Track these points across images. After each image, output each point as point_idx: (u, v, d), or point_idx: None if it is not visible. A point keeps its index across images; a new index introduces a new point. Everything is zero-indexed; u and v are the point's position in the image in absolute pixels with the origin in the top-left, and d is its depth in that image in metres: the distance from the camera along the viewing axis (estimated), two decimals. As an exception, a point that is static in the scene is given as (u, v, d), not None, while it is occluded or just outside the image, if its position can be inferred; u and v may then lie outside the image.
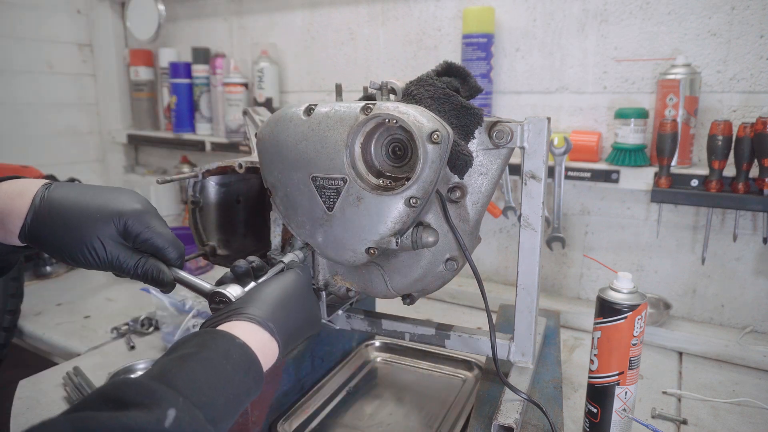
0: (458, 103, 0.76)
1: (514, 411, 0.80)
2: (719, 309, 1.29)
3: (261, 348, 0.59)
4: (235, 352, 0.55)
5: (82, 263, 0.65)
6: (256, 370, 0.57)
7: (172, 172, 2.14)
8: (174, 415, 0.44)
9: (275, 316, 0.63)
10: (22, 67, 1.94)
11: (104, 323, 1.35)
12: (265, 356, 0.59)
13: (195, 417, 0.46)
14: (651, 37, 1.25)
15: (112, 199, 0.65)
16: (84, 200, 0.64)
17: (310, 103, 0.74)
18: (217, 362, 0.52)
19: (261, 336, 0.60)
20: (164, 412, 0.44)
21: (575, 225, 1.42)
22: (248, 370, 0.55)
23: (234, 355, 0.55)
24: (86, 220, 0.63)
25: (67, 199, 0.64)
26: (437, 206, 0.77)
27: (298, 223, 0.78)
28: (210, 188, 0.99)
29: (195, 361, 0.51)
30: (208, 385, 0.50)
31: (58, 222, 0.63)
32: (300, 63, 1.79)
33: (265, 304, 0.64)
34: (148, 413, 0.43)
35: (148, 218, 0.66)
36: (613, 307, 0.78)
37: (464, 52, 1.41)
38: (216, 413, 0.49)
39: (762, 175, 1.07)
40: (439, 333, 0.92)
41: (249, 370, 0.56)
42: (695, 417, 0.97)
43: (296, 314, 0.68)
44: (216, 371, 0.52)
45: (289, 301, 0.68)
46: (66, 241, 0.63)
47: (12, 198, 0.64)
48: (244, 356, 0.56)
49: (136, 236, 0.65)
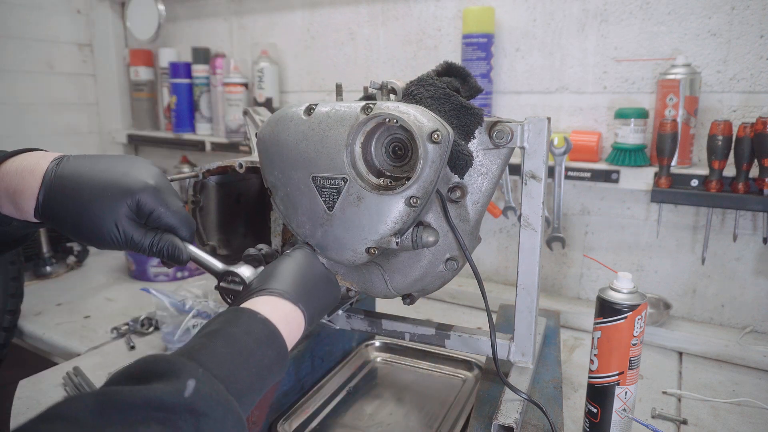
0: (458, 103, 0.76)
1: (514, 411, 0.80)
2: (719, 309, 1.29)
3: (284, 319, 0.60)
4: (257, 327, 0.56)
5: (97, 243, 0.64)
6: (279, 344, 0.57)
7: (172, 172, 2.14)
8: (194, 385, 0.44)
9: (295, 286, 0.65)
10: (22, 67, 1.94)
11: (104, 323, 1.35)
12: (290, 326, 0.60)
13: (216, 388, 0.47)
14: (651, 37, 1.25)
15: (124, 174, 0.63)
16: (96, 176, 0.62)
17: (310, 103, 0.74)
18: (238, 337, 0.53)
19: (283, 307, 0.61)
20: (184, 382, 0.44)
21: (575, 225, 1.42)
22: (271, 344, 0.56)
23: (255, 329, 0.56)
24: (98, 198, 0.61)
25: (79, 175, 0.62)
26: (437, 206, 0.77)
27: (298, 222, 0.78)
28: (210, 188, 0.99)
29: (217, 337, 0.52)
30: (229, 359, 0.51)
31: (71, 201, 0.61)
32: (300, 63, 1.79)
33: (282, 277, 0.65)
34: (168, 384, 0.44)
35: (161, 195, 0.65)
36: (613, 307, 0.78)
37: (464, 52, 1.41)
38: (239, 386, 0.50)
39: (762, 175, 1.07)
40: (439, 333, 0.92)
41: (272, 344, 0.56)
42: (695, 417, 0.97)
43: (315, 284, 0.69)
44: (238, 346, 0.52)
45: (306, 272, 0.69)
46: (79, 220, 0.62)
47: (23, 176, 0.62)
48: (266, 330, 0.57)
49: (149, 214, 0.64)
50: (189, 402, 0.43)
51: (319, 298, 0.69)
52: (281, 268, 0.68)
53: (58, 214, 0.62)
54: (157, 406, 0.42)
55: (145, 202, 0.63)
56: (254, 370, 0.53)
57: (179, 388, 0.44)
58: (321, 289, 0.70)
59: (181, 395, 0.43)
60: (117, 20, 2.11)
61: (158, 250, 0.66)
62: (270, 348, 0.56)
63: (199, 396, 0.44)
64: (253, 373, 0.52)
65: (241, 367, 0.51)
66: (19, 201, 0.62)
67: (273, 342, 0.57)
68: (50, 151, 0.66)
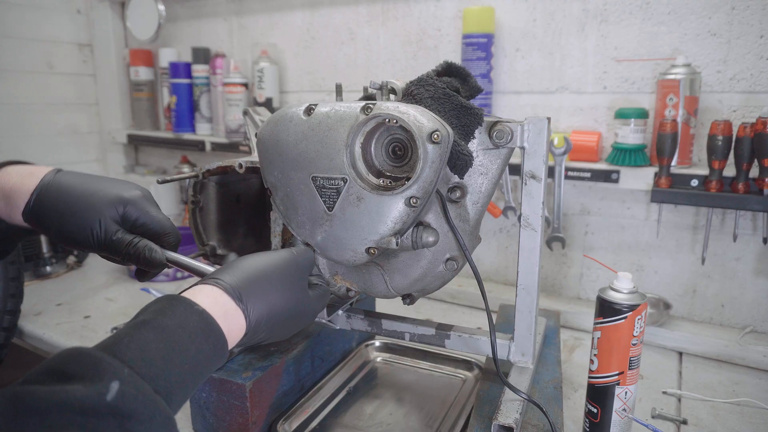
0: (458, 103, 0.76)
1: (514, 411, 0.80)
2: (719, 309, 1.29)
3: (223, 315, 0.55)
4: (192, 319, 0.52)
5: (80, 243, 0.67)
6: (216, 338, 0.53)
7: (172, 172, 2.14)
8: (117, 387, 0.41)
9: (248, 284, 0.59)
10: (22, 67, 1.94)
11: (104, 323, 1.35)
12: (229, 325, 0.55)
13: (141, 390, 0.44)
14: (651, 37, 1.25)
15: (113, 186, 0.69)
16: (88, 185, 0.68)
17: (310, 103, 0.74)
18: (172, 330, 0.50)
19: (225, 303, 0.56)
20: (107, 384, 0.41)
21: (575, 225, 1.42)
22: (207, 338, 0.52)
23: (191, 322, 0.51)
24: (88, 201, 0.66)
25: (73, 182, 0.68)
26: (437, 206, 0.77)
27: (298, 222, 0.78)
28: (210, 188, 1.00)
29: (148, 329, 0.49)
30: (160, 355, 0.48)
31: (62, 202, 0.66)
32: (300, 63, 1.79)
33: (238, 271, 0.60)
34: (90, 386, 0.41)
35: (146, 204, 0.69)
36: (613, 307, 0.77)
37: (464, 52, 1.41)
38: (169, 385, 0.47)
39: (762, 175, 1.07)
40: (439, 333, 0.92)
41: (208, 338, 0.52)
42: (695, 417, 0.97)
43: (279, 292, 0.62)
44: (170, 340, 0.49)
45: (272, 274, 0.62)
46: (66, 219, 0.66)
47: (22, 177, 0.68)
48: (203, 323, 0.52)
49: (134, 221, 0.68)
50: (112, 405, 0.41)
51: (280, 310, 0.61)
52: (246, 263, 0.63)
53: (46, 213, 0.66)
54: (77, 409, 0.39)
55: (130, 209, 0.68)
56: (187, 367, 0.49)
57: (101, 391, 0.41)
58: (285, 300, 0.62)
59: (102, 399, 0.41)
60: (117, 20, 2.11)
61: (134, 252, 0.66)
62: (205, 342, 0.52)
63: (123, 399, 0.41)
64: (186, 369, 0.49)
65: (172, 363, 0.48)
66: (14, 198, 0.67)
67: (209, 336, 0.52)
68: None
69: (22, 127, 1.97)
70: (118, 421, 0.41)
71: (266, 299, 0.60)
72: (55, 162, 2.03)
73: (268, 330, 0.61)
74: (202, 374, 0.52)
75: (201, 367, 0.51)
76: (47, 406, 0.39)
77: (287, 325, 0.64)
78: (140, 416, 0.42)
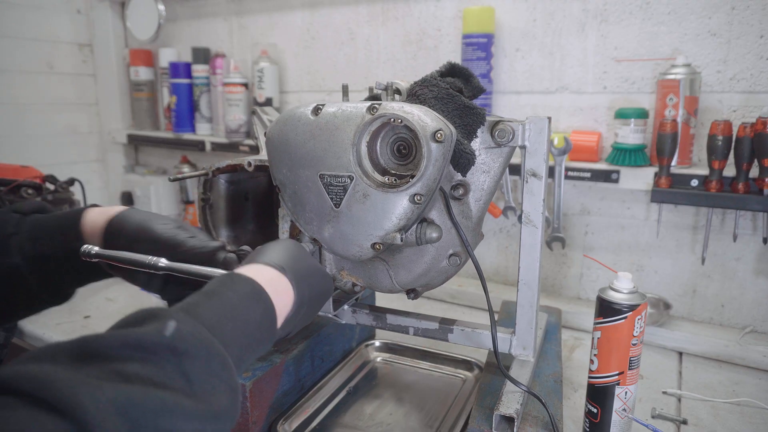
0: (461, 103, 0.77)
1: (515, 402, 0.81)
2: (719, 309, 1.29)
3: (269, 283, 0.57)
4: (240, 284, 0.54)
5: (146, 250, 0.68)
6: (265, 301, 0.55)
7: (172, 172, 2.14)
8: (174, 325, 0.43)
9: (281, 259, 0.62)
10: (22, 67, 1.94)
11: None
12: (276, 291, 0.57)
13: (198, 329, 0.45)
14: (651, 37, 1.26)
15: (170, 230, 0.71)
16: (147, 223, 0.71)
17: (317, 103, 0.76)
18: (221, 292, 0.52)
19: (268, 273, 0.58)
20: (164, 323, 0.43)
21: (575, 225, 1.42)
22: (257, 300, 0.54)
23: (239, 286, 0.54)
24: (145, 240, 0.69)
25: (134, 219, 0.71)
26: (441, 203, 0.79)
27: (306, 219, 0.81)
28: (220, 186, 1.02)
29: (199, 294, 0.51)
30: (212, 309, 0.49)
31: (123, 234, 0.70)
32: (300, 63, 1.79)
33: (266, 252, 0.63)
34: (148, 325, 0.43)
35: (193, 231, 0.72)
36: (613, 307, 0.78)
37: (464, 52, 1.41)
38: (224, 336, 0.48)
39: (762, 175, 1.07)
40: (443, 327, 0.93)
41: (258, 300, 0.54)
42: (695, 417, 0.97)
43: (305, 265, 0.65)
44: (221, 299, 0.51)
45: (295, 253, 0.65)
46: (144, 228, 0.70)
47: (103, 212, 0.73)
48: (250, 287, 0.54)
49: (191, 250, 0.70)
50: (169, 341, 0.42)
51: (309, 277, 0.64)
52: (266, 247, 0.65)
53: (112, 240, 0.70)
54: (135, 345, 0.41)
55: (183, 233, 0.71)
56: (239, 324, 0.51)
57: (159, 328, 0.43)
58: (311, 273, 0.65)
59: (161, 335, 0.42)
60: (117, 20, 2.11)
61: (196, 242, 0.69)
62: (256, 304, 0.54)
63: (180, 335, 0.43)
64: (239, 327, 0.50)
65: (226, 318, 0.49)
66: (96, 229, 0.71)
67: (259, 298, 0.54)
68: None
69: (22, 127, 1.97)
70: (177, 358, 0.42)
71: (302, 273, 0.63)
72: (55, 162, 2.04)
73: (309, 304, 0.63)
74: (254, 337, 0.53)
75: (253, 327, 0.52)
76: (108, 344, 0.40)
77: (321, 299, 0.68)
78: (198, 353, 0.43)
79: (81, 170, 2.14)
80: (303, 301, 0.61)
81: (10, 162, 1.62)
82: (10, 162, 1.62)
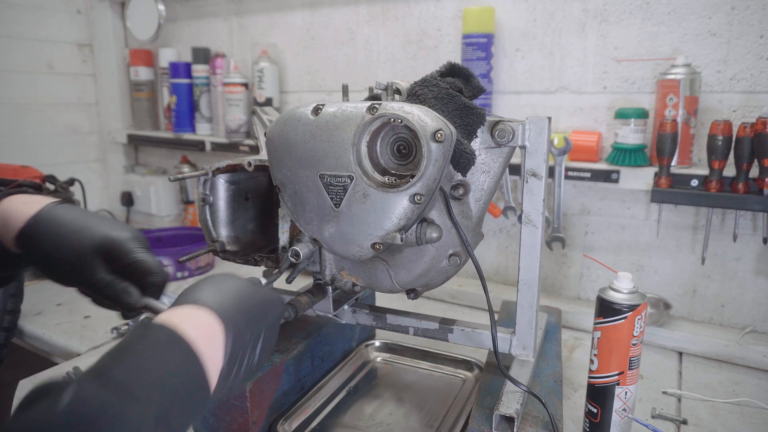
0: (461, 103, 0.77)
1: (515, 402, 0.81)
2: (719, 309, 1.29)
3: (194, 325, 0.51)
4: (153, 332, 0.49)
5: (62, 278, 0.66)
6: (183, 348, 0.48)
7: (172, 172, 2.14)
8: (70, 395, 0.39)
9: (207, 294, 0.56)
10: (22, 67, 1.94)
11: (104, 323, 1.35)
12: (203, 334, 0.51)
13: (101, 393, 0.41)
14: (651, 37, 1.26)
15: (103, 225, 0.66)
16: (80, 221, 0.66)
17: (317, 103, 0.76)
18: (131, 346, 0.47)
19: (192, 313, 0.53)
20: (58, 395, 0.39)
21: (575, 225, 1.42)
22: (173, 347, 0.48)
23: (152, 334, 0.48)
24: (76, 238, 0.64)
25: (67, 216, 0.67)
26: (441, 203, 0.79)
27: (306, 219, 0.80)
28: (220, 186, 1.02)
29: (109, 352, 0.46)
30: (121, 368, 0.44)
31: (53, 233, 0.65)
32: (300, 63, 1.79)
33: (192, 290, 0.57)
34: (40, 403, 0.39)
35: (134, 245, 0.65)
36: (613, 307, 0.78)
37: (464, 52, 1.41)
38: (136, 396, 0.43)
39: (762, 175, 1.07)
40: (443, 327, 0.93)
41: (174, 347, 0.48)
42: (695, 417, 0.97)
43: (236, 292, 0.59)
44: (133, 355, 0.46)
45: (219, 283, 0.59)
46: (53, 252, 0.65)
47: (26, 204, 0.68)
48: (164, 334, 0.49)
49: (120, 261, 0.64)
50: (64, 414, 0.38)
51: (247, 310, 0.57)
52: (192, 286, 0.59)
53: (36, 242, 0.65)
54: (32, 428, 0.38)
55: (119, 249, 0.64)
56: (155, 378, 0.45)
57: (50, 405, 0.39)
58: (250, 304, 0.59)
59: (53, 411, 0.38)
60: (117, 20, 2.11)
61: (112, 294, 0.64)
62: (171, 352, 0.47)
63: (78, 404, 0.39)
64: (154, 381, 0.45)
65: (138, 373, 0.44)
66: (12, 221, 0.66)
67: (175, 346, 0.48)
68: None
69: (22, 127, 1.97)
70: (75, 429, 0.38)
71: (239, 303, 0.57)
72: (55, 162, 2.04)
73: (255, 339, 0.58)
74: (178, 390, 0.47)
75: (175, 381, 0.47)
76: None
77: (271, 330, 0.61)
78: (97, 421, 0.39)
79: (81, 170, 2.15)
80: (243, 338, 0.55)
81: (10, 162, 1.63)
82: (10, 162, 1.63)
